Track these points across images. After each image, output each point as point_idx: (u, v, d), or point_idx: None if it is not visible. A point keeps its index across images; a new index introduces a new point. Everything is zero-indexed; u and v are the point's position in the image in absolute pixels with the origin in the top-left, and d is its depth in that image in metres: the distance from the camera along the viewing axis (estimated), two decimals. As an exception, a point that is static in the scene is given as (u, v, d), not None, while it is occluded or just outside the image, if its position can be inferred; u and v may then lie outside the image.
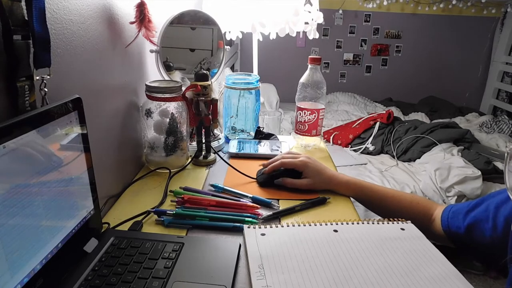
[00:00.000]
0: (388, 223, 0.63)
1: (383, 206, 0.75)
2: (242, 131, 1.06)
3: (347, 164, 2.10)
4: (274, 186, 0.78)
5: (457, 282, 0.50)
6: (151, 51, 0.83)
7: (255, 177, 0.82)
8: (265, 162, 0.83)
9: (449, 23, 3.24)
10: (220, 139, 1.01)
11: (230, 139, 1.02)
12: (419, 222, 0.64)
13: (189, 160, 0.88)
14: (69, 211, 0.50)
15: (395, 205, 0.74)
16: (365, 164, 2.12)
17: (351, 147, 2.35)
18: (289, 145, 1.00)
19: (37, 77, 0.46)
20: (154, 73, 0.88)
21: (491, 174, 1.98)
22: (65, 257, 0.48)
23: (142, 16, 0.71)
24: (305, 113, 0.99)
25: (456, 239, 0.67)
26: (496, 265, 0.63)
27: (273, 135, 1.05)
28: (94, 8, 0.61)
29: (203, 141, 0.89)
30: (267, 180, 0.79)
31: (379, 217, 0.72)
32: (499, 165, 2.08)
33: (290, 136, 1.09)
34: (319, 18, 1.19)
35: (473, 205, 0.66)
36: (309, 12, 1.17)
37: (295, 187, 0.77)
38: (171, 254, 0.54)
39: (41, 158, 0.43)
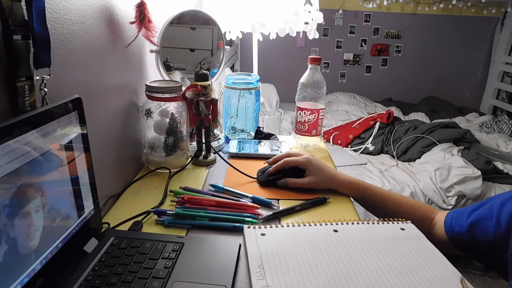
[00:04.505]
0: (388, 223, 0.63)
1: (384, 208, 0.75)
2: (242, 131, 1.06)
3: (347, 164, 2.10)
4: (275, 186, 0.78)
5: (457, 282, 0.50)
6: (151, 51, 0.83)
7: (255, 177, 0.82)
8: (267, 160, 0.83)
9: (449, 23, 3.24)
10: (220, 139, 1.01)
11: (230, 139, 1.02)
12: (419, 226, 0.63)
13: (189, 160, 0.88)
14: (69, 211, 0.50)
15: (396, 208, 0.74)
16: (365, 164, 2.12)
17: (351, 147, 2.35)
18: (289, 145, 1.00)
19: (37, 77, 0.46)
20: (154, 73, 0.88)
21: (491, 174, 1.99)
22: (65, 257, 0.48)
23: (142, 16, 0.71)
24: (305, 113, 0.99)
25: (458, 240, 0.66)
26: (497, 265, 0.62)
27: (273, 135, 1.05)
28: (94, 8, 0.61)
29: (203, 141, 0.89)
30: (268, 180, 0.79)
31: (379, 217, 0.72)
32: (499, 165, 2.08)
33: (290, 136, 1.09)
34: (319, 18, 1.19)
35: (478, 205, 0.66)
36: (309, 12, 1.17)
37: (298, 186, 0.77)
38: (171, 254, 0.53)
39: (41, 158, 0.43)
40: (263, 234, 0.59)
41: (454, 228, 0.67)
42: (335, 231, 0.61)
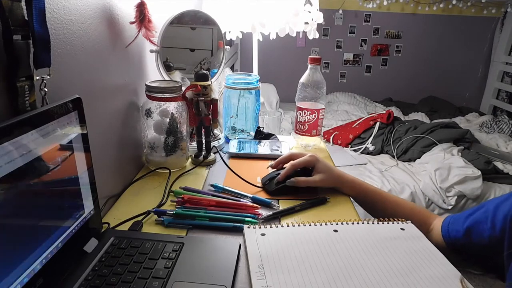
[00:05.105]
0: (388, 223, 0.63)
1: (383, 210, 0.75)
2: (242, 131, 1.06)
3: (347, 164, 2.10)
4: (283, 193, 0.75)
5: (457, 282, 0.50)
6: (151, 51, 0.83)
7: (261, 182, 0.79)
8: (271, 163, 0.81)
9: (449, 23, 3.24)
10: (220, 139, 1.01)
11: (230, 139, 1.02)
12: None
13: (189, 160, 0.88)
14: (69, 211, 0.50)
15: (395, 210, 0.74)
16: (365, 164, 2.12)
17: (351, 147, 2.35)
18: (289, 145, 1.00)
19: (37, 77, 0.46)
20: (154, 73, 0.88)
21: (491, 174, 1.99)
22: (65, 257, 0.48)
23: (142, 16, 0.71)
24: (305, 113, 0.99)
25: (455, 245, 0.67)
26: (493, 268, 0.63)
27: (273, 135, 1.05)
28: (94, 8, 0.61)
29: (203, 141, 0.89)
30: (277, 188, 0.75)
31: (379, 218, 0.73)
32: (499, 165, 2.08)
33: (290, 136, 1.09)
34: (319, 18, 1.19)
35: (473, 210, 0.67)
36: (309, 12, 1.17)
37: (309, 185, 0.75)
38: (171, 254, 0.54)
39: (41, 158, 0.43)
40: (263, 234, 0.59)
41: (451, 233, 0.68)
42: (335, 231, 0.61)
